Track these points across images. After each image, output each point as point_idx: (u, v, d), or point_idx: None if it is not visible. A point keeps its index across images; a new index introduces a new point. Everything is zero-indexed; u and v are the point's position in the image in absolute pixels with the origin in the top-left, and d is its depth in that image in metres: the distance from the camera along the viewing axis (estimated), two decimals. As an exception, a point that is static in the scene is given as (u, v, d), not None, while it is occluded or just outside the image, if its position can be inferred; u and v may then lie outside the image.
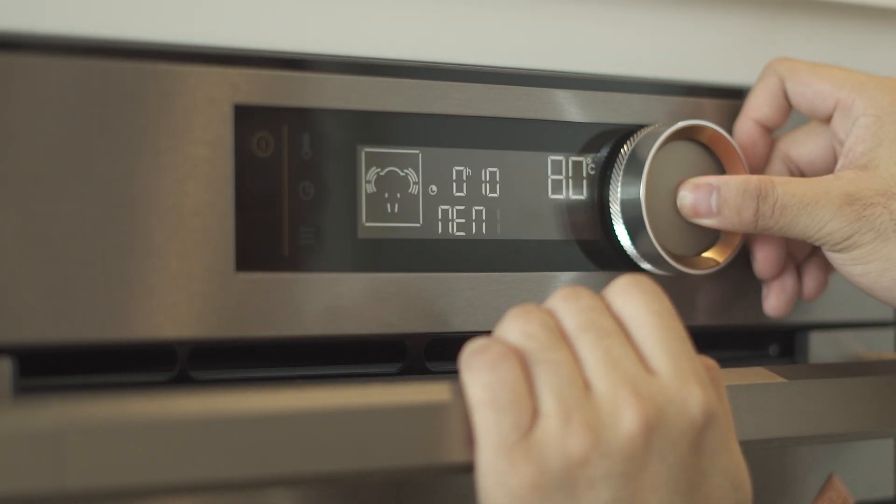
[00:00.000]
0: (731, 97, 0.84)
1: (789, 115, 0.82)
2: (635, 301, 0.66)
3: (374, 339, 0.74)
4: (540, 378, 0.63)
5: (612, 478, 0.62)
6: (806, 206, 0.77)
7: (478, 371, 0.63)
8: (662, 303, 0.66)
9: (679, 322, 0.66)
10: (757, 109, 0.82)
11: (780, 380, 0.77)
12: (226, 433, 0.61)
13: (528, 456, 0.62)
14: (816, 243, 0.78)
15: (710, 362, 0.68)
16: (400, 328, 0.74)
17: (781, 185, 0.77)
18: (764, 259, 0.83)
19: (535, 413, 0.63)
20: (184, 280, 0.68)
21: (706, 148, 0.80)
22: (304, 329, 0.71)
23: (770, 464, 0.67)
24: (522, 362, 0.64)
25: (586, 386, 0.64)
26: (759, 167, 0.83)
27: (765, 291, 0.85)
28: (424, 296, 0.74)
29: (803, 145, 0.83)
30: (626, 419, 0.63)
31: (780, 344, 0.90)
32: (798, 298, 0.85)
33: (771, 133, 0.83)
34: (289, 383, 0.73)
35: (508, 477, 0.62)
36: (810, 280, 0.85)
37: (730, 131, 0.81)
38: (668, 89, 0.82)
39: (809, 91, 0.80)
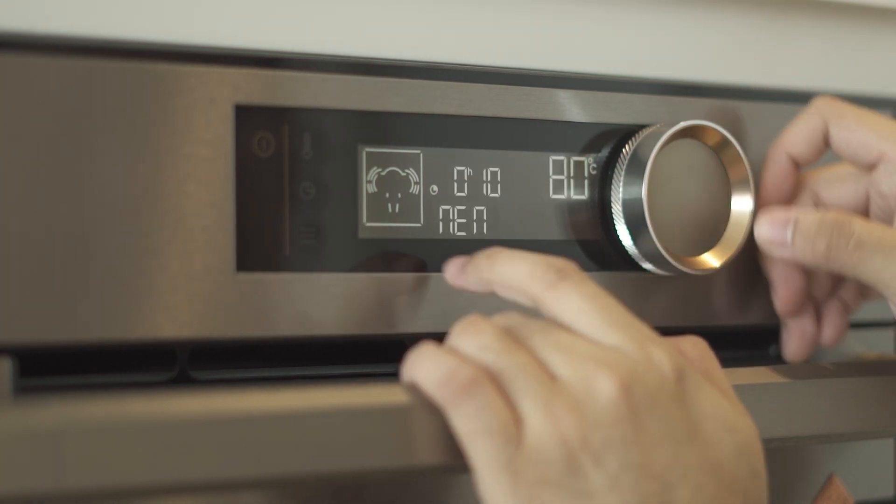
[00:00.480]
0: (731, 97, 0.84)
1: (823, 155, 0.82)
2: (565, 292, 0.66)
3: (374, 339, 0.74)
4: (510, 385, 0.64)
5: (613, 444, 0.62)
6: (883, 248, 0.76)
7: (456, 406, 0.63)
8: (590, 285, 0.67)
9: (613, 297, 0.67)
10: (793, 145, 0.81)
11: (780, 380, 0.77)
12: (226, 433, 0.61)
13: (529, 459, 0.62)
14: (884, 291, 0.78)
15: (695, 338, 0.68)
16: (400, 328, 0.74)
17: (859, 223, 0.77)
18: (786, 295, 0.82)
19: (518, 420, 0.63)
20: (184, 280, 0.68)
21: (708, 148, 0.80)
22: (305, 329, 0.71)
23: (770, 464, 0.67)
24: (490, 377, 0.64)
25: (553, 379, 0.64)
26: (785, 200, 0.82)
27: (784, 337, 0.84)
28: (425, 296, 0.74)
29: (836, 190, 0.82)
30: (601, 387, 0.63)
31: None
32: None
33: (800, 168, 0.83)
34: (289, 383, 0.72)
35: (517, 485, 0.62)
36: (830, 326, 0.85)
37: (730, 131, 0.81)
38: (669, 89, 0.82)
39: (854, 139, 0.80)
